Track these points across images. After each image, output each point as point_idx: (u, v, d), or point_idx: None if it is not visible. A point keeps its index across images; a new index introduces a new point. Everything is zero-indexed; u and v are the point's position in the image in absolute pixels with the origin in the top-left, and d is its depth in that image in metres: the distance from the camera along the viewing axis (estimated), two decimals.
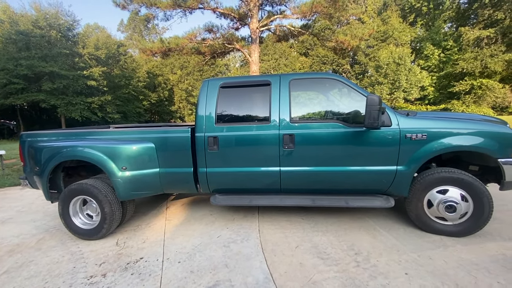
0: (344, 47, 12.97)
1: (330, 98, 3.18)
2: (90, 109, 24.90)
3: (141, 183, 3.02)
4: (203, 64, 15.20)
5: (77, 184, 2.99)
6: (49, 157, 3.04)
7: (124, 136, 3.10)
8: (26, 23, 22.20)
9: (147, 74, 32.60)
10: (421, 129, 2.60)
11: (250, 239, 2.83)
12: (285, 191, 3.00)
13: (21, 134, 3.37)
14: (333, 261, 2.37)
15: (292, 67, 39.67)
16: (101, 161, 2.91)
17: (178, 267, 2.39)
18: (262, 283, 2.10)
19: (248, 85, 3.03)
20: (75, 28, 25.95)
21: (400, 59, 23.20)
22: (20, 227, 3.50)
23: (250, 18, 12.91)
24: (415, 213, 2.77)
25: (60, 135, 3.29)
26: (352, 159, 2.74)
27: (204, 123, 2.95)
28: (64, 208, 3.02)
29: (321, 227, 3.05)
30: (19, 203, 4.57)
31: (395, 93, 24.10)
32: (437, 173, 2.65)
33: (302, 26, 14.23)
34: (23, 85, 21.86)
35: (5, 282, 2.28)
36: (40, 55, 21.99)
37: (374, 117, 2.37)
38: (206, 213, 3.64)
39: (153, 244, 2.85)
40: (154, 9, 12.28)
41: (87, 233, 3.02)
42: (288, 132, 2.77)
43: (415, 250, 2.49)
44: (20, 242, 3.06)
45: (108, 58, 27.02)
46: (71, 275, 2.36)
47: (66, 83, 22.86)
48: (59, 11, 24.15)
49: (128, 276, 2.29)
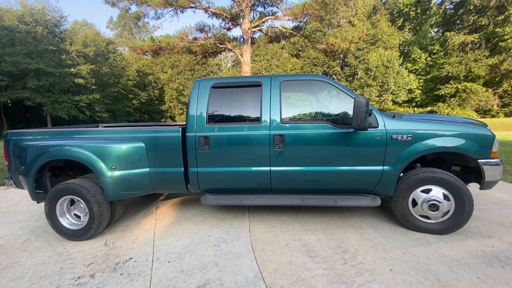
0: (335, 50, 13.17)
1: (319, 100, 3.25)
2: (77, 107, 24.31)
3: (130, 183, 3.00)
4: (195, 64, 15.11)
5: (65, 184, 2.94)
6: (35, 156, 2.98)
7: (113, 136, 3.07)
8: (11, 18, 21.50)
9: (137, 73, 32.14)
10: (406, 130, 2.70)
11: (241, 238, 2.86)
12: (275, 190, 3.04)
13: (6, 133, 3.28)
14: (322, 258, 2.42)
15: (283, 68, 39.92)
16: (89, 160, 2.87)
17: (168, 267, 2.39)
18: (251, 281, 2.13)
19: (240, 85, 3.06)
20: (63, 25, 25.28)
21: (388, 62, 23.73)
22: (5, 228, 3.40)
23: (242, 19, 12.94)
24: (400, 212, 2.87)
25: (47, 134, 3.22)
26: (341, 159, 2.81)
27: (195, 123, 2.96)
28: (51, 208, 2.96)
29: (311, 226, 3.10)
30: (3, 203, 4.44)
31: (383, 95, 24.64)
32: (421, 173, 2.75)
33: (294, 27, 14.35)
34: (7, 82, 21.12)
35: None
36: (26, 52, 21.34)
37: (361, 119, 2.45)
38: (197, 213, 3.64)
39: (143, 244, 2.84)
40: (145, 7, 12.14)
41: (74, 233, 2.97)
42: (279, 132, 2.81)
43: (400, 247, 2.57)
44: (5, 243, 2.98)
45: (97, 55, 26.49)
46: (58, 276, 2.32)
47: (53, 80, 22.24)
48: (45, 7, 23.47)
49: (117, 277, 2.28)
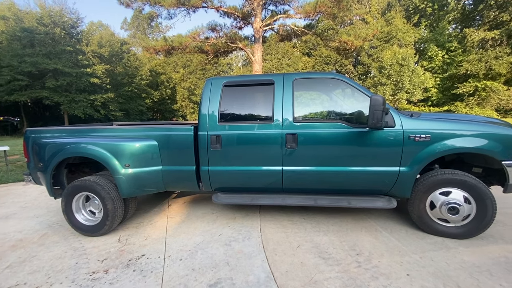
0: (348, 48, 12.92)
1: (333, 98, 3.18)
2: (93, 106, 25.02)
3: (143, 181, 3.03)
4: (206, 63, 15.20)
5: (80, 181, 3.01)
6: (52, 153, 3.06)
7: (127, 134, 3.12)
8: (31, 20, 22.33)
9: (150, 72, 32.69)
10: (425, 130, 2.59)
11: (252, 238, 2.84)
12: (287, 190, 3.00)
13: (26, 130, 3.39)
14: (335, 261, 2.37)
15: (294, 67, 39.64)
16: (104, 158, 2.92)
17: (179, 265, 2.40)
18: (263, 282, 2.10)
19: (252, 84, 3.03)
20: (79, 26, 26.07)
21: (403, 60, 23.11)
22: (23, 223, 3.52)
23: (254, 18, 12.90)
24: (417, 215, 2.76)
25: (64, 131, 3.31)
26: (355, 159, 2.73)
27: (207, 121, 2.96)
28: (67, 204, 3.04)
29: (323, 227, 3.05)
30: (22, 198, 4.60)
31: (398, 94, 24.03)
32: (440, 174, 2.64)
33: (306, 26, 14.18)
34: (27, 82, 22.00)
35: (8, 277, 2.30)
36: (44, 52, 22.13)
37: (377, 118, 2.37)
38: (208, 211, 3.65)
39: (155, 242, 2.86)
40: (158, 7, 12.30)
41: (89, 229, 3.04)
42: (291, 131, 2.77)
43: (416, 251, 2.48)
44: (23, 238, 3.08)
45: (111, 56, 27.13)
46: (74, 270, 2.38)
47: (70, 80, 22.98)
48: (63, 9, 24.26)
49: (130, 273, 2.31)
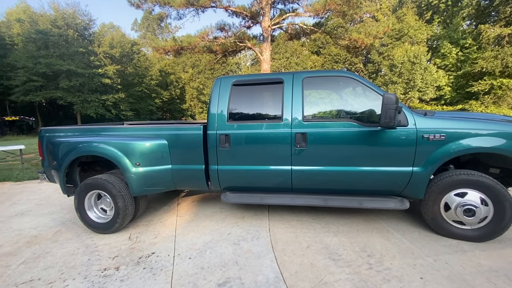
0: (358, 46, 12.71)
1: (344, 97, 3.12)
2: (104, 106, 25.57)
3: (154, 179, 3.06)
4: (215, 63, 15.27)
5: (92, 179, 3.07)
6: (66, 152, 3.13)
7: (138, 133, 3.15)
8: (45, 22, 22.97)
9: (160, 73, 33.13)
10: (439, 129, 2.51)
11: (260, 238, 2.82)
12: (296, 190, 2.97)
13: (40, 129, 3.48)
14: (345, 262, 2.33)
15: (303, 65, 39.32)
16: (115, 156, 2.96)
17: (189, 263, 2.41)
18: (272, 282, 2.09)
19: (261, 83, 3.01)
20: (91, 27, 26.67)
21: (415, 57, 22.57)
22: (38, 220, 3.62)
23: (262, 16, 12.86)
24: (431, 216, 2.69)
25: (77, 131, 3.38)
26: (367, 159, 2.68)
27: (216, 120, 2.96)
28: (80, 202, 3.10)
29: (333, 227, 3.00)
30: (37, 196, 4.74)
31: (409, 92, 23.48)
32: (455, 175, 2.55)
33: (315, 24, 14.03)
34: (41, 82, 22.66)
35: (23, 272, 2.37)
36: (58, 54, 22.73)
37: (390, 116, 2.31)
38: (217, 210, 3.66)
39: (165, 240, 2.89)
40: (167, 8, 12.42)
41: (101, 226, 3.09)
42: (301, 130, 2.74)
43: (430, 254, 2.41)
44: (38, 234, 3.17)
45: (122, 56, 27.63)
46: (86, 267, 2.42)
47: (82, 81, 23.54)
48: (76, 11, 24.86)
49: (140, 270, 2.33)
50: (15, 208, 4.14)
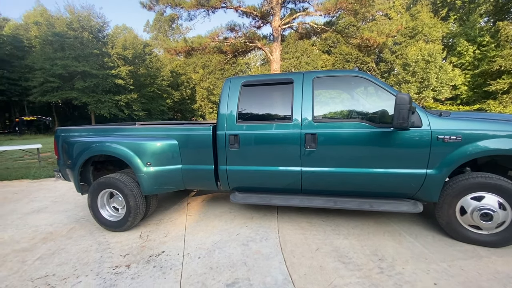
0: (370, 44, 12.46)
1: (355, 97, 3.07)
2: (117, 106, 26.15)
3: (164, 179, 3.10)
4: (225, 63, 15.34)
5: (105, 178, 3.13)
6: (80, 151, 3.21)
7: (149, 133, 3.20)
8: (61, 25, 23.69)
9: (171, 73, 33.59)
10: (455, 130, 2.43)
11: (269, 239, 2.81)
12: (306, 191, 2.94)
13: (56, 129, 3.59)
14: (355, 266, 2.28)
15: (313, 65, 39.00)
16: (127, 156, 3.02)
17: (198, 263, 2.43)
18: (281, 284, 2.07)
19: (270, 83, 3.00)
20: (105, 30, 27.31)
21: (430, 56, 21.96)
22: (54, 217, 3.73)
23: (272, 16, 12.83)
24: (446, 220, 2.60)
25: (90, 130, 3.46)
26: (378, 160, 2.62)
27: (225, 121, 2.96)
28: (93, 200, 3.18)
29: (343, 230, 2.95)
30: (53, 193, 4.89)
31: (423, 92, 22.87)
32: (472, 178, 2.46)
33: (326, 23, 13.87)
34: (58, 83, 23.40)
35: (39, 268, 2.44)
36: (74, 55, 23.41)
37: (403, 117, 2.25)
38: (226, 211, 3.67)
39: (175, 239, 2.92)
40: (179, 9, 12.57)
41: (113, 224, 3.16)
42: (310, 131, 2.70)
43: (445, 259, 2.33)
44: (53, 231, 3.26)
45: (135, 57, 28.16)
46: (98, 264, 2.48)
47: (96, 81, 24.17)
48: (91, 13, 25.53)
49: (150, 269, 2.37)
50: (32, 205, 4.29)
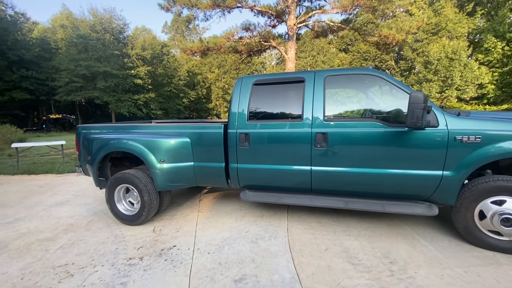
0: (388, 42, 12.09)
1: (368, 96, 2.99)
2: (136, 105, 27.02)
3: (177, 175, 3.19)
4: (240, 63, 15.43)
5: (121, 174, 3.26)
6: (99, 148, 3.37)
7: (163, 131, 3.30)
8: (85, 27, 24.79)
9: (187, 73, 34.24)
10: (474, 131, 2.32)
11: (278, 237, 2.81)
12: (316, 191, 2.91)
13: (77, 126, 3.78)
14: (365, 267, 2.24)
15: (330, 63, 38.39)
16: (142, 153, 3.13)
17: (207, 258, 2.48)
18: (288, 282, 2.08)
19: (282, 82, 2.99)
20: (126, 31, 28.26)
21: (454, 53, 20.93)
22: (75, 209, 3.94)
23: (288, 15, 12.76)
24: (463, 225, 2.49)
25: (109, 128, 3.62)
26: (392, 161, 2.55)
27: (236, 119, 3.00)
28: (110, 194, 3.32)
29: (354, 231, 2.90)
30: (75, 188, 5.15)
31: (446, 91, 21.85)
32: (492, 181, 2.34)
33: (342, 21, 13.60)
34: (81, 83, 24.52)
35: (60, 257, 2.59)
36: (96, 56, 24.44)
37: (417, 116, 2.17)
38: (236, 208, 3.71)
39: (186, 234, 3.00)
40: (195, 10, 12.78)
41: (128, 218, 3.28)
42: (321, 130, 2.68)
43: (461, 265, 2.24)
44: (74, 222, 3.45)
45: (153, 58, 28.95)
46: (114, 255, 2.59)
47: (117, 81, 25.09)
48: (112, 16, 26.51)
49: (162, 262, 2.44)
50: (55, 198, 4.54)
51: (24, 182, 5.82)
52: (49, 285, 2.16)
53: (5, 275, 2.30)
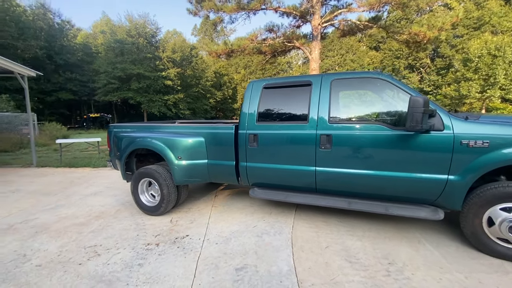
0: (419, 40, 11.48)
1: (374, 99, 3.01)
2: (166, 105, 28.45)
3: (192, 171, 3.46)
4: (263, 64, 15.62)
5: (145, 169, 3.62)
6: (126, 145, 3.77)
7: (181, 130, 3.60)
8: (122, 32, 26.65)
9: (214, 74, 35.24)
10: (482, 135, 2.27)
11: (283, 233, 2.96)
12: (320, 191, 3.00)
13: (109, 125, 4.24)
14: (362, 266, 2.31)
15: (359, 62, 37.13)
16: (162, 150, 3.45)
17: (215, 247, 2.71)
18: (284, 274, 2.23)
19: (290, 85, 3.13)
20: (158, 35, 29.85)
21: (497, 50, 19.18)
22: (106, 199, 4.41)
23: (312, 15, 12.67)
24: (471, 231, 2.44)
25: (135, 127, 4.02)
26: (395, 164, 2.57)
27: (246, 121, 3.19)
28: (135, 187, 3.70)
29: (358, 231, 2.95)
30: (107, 180, 5.72)
31: (488, 91, 20.09)
32: (502, 187, 2.27)
33: (371, 18, 13.17)
34: (117, 84, 26.40)
35: (90, 239, 2.98)
36: (131, 60, 26.17)
37: (417, 120, 2.19)
38: (247, 205, 3.91)
39: (199, 226, 3.26)
40: (221, 13, 13.22)
41: (149, 209, 3.63)
42: (326, 132, 2.77)
43: (463, 270, 2.21)
44: (104, 210, 3.89)
45: (182, 60, 30.26)
46: (134, 240, 2.92)
47: (149, 83, 26.65)
48: (146, 21, 28.16)
49: (175, 248, 2.72)
50: (90, 189, 5.10)
51: (66, 174, 6.56)
52: (80, 261, 2.53)
53: (45, 251, 2.73)
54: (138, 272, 2.33)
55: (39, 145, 11.82)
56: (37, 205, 4.21)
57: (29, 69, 7.38)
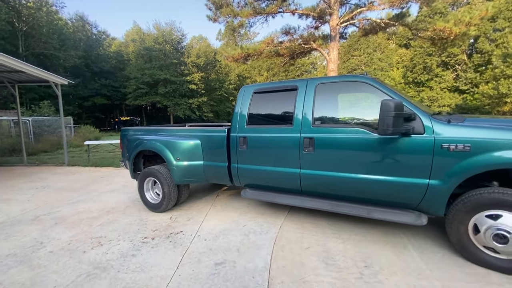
0: (445, 37, 10.79)
1: (357, 103, 3.01)
2: (190, 108, 29.57)
3: (190, 172, 3.70)
4: (282, 66, 15.68)
5: (149, 168, 3.93)
6: (133, 146, 4.12)
7: (181, 133, 3.86)
8: (150, 40, 28.25)
9: (238, 77, 35.89)
10: (464, 138, 2.20)
11: (269, 233, 3.06)
12: (305, 193, 3.06)
13: (121, 129, 4.65)
14: (337, 268, 2.35)
15: (387, 61, 35.60)
16: (163, 152, 3.73)
17: (202, 243, 2.89)
18: (258, 270, 2.34)
19: (278, 90, 3.23)
20: (183, 41, 31.17)
21: None
22: (119, 197, 4.82)
23: (330, 15, 12.51)
24: (456, 238, 2.36)
25: (143, 131, 4.36)
26: (375, 167, 2.56)
27: (237, 124, 3.35)
28: (140, 185, 4.02)
29: (344, 234, 2.96)
30: (124, 179, 6.20)
31: None
32: (487, 193, 2.18)
33: (393, 16, 12.67)
34: (146, 89, 28.01)
35: (98, 231, 3.33)
36: (158, 65, 27.64)
37: (388, 124, 2.19)
38: (244, 205, 4.06)
39: (194, 223, 3.47)
40: (239, 18, 13.55)
41: (153, 206, 3.93)
42: (309, 135, 2.84)
43: (442, 278, 2.16)
44: (115, 206, 4.26)
45: (206, 64, 31.26)
46: (134, 234, 3.21)
47: (175, 87, 27.92)
48: (172, 28, 29.57)
49: (167, 243, 2.95)
50: (109, 186, 5.59)
51: (91, 172, 7.22)
52: (84, 249, 2.86)
53: (59, 240, 3.11)
54: (130, 261, 2.59)
55: (73, 146, 13.03)
56: (61, 199, 4.73)
57: (62, 78, 8.25)
